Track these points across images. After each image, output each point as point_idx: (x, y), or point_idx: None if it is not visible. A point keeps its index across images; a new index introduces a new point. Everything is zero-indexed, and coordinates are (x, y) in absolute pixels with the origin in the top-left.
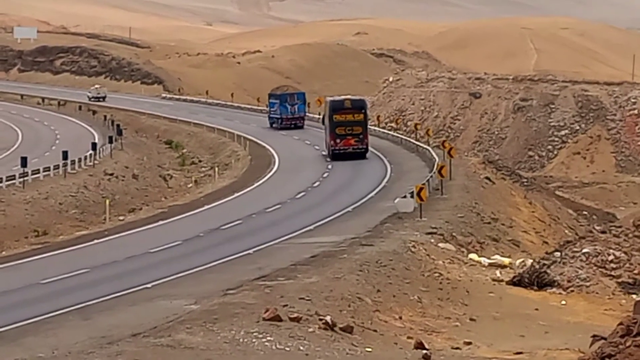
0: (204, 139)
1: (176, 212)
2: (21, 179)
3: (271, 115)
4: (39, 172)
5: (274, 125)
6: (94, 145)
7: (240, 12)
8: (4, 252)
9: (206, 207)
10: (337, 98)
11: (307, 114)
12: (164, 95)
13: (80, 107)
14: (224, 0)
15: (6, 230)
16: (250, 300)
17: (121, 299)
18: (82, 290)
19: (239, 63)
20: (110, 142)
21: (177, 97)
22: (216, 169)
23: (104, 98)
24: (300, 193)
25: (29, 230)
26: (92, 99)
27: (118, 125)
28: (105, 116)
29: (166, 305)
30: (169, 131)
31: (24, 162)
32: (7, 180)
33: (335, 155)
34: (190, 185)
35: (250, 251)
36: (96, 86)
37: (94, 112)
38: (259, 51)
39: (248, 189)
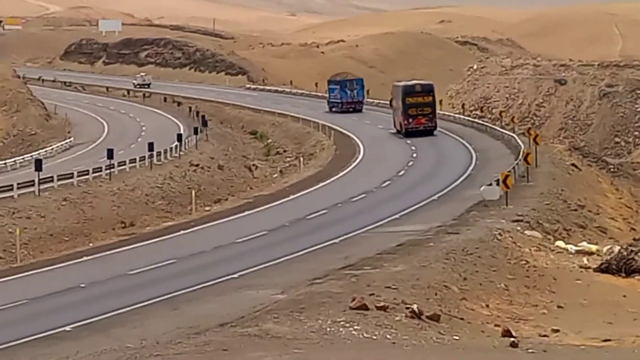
0: (289, 129)
1: (262, 202)
2: (107, 171)
3: (331, 100)
4: (125, 164)
5: (333, 109)
6: (179, 137)
7: (324, 2)
8: (91, 244)
9: (292, 196)
10: (408, 83)
11: (365, 98)
12: (248, 85)
13: (165, 99)
14: None
15: (94, 222)
16: (337, 290)
17: (208, 289)
18: (169, 281)
19: (322, 53)
20: (196, 133)
21: (261, 87)
22: (301, 158)
23: (148, 85)
24: (386, 182)
25: (116, 222)
26: (137, 86)
27: (203, 117)
28: (190, 107)
29: (253, 295)
30: (253, 122)
31: (110, 154)
32: (94, 173)
33: (408, 133)
34: (276, 175)
35: (336, 240)
36: (141, 74)
37: (179, 104)
38: (342, 41)
39: (333, 178)
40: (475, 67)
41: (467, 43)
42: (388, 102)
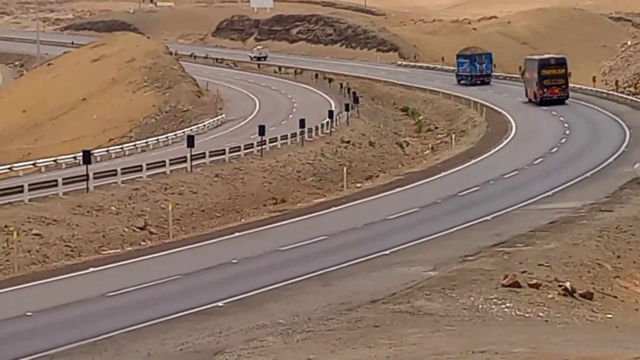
0: (440, 106)
1: (413, 178)
2: (259, 148)
3: (459, 73)
4: (276, 141)
5: (461, 82)
6: (330, 113)
7: None
8: (243, 220)
9: (443, 173)
10: (543, 56)
11: (492, 72)
12: (399, 62)
13: (316, 76)
14: None
15: (245, 198)
16: (489, 267)
17: (360, 266)
18: (321, 257)
19: (474, 29)
20: (347, 109)
21: (413, 64)
22: (453, 135)
23: (265, 58)
24: (538, 159)
25: (267, 198)
26: (254, 59)
27: (354, 93)
28: (341, 84)
29: (404, 272)
30: (404, 98)
31: (262, 130)
32: (245, 149)
33: (543, 102)
34: (427, 152)
35: (488, 217)
36: (258, 47)
37: (330, 81)
38: (494, 17)
39: (485, 155)
40: (629, 43)
41: (621, 19)
42: (520, 75)
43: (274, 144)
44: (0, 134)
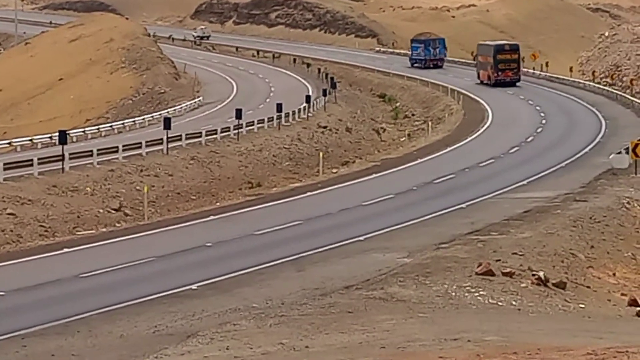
0: (418, 93)
1: (389, 165)
2: (236, 131)
3: (413, 57)
4: (253, 124)
5: (415, 65)
6: (307, 98)
7: None
8: (218, 203)
9: (419, 160)
10: (498, 42)
11: (446, 56)
12: (377, 48)
13: (294, 60)
14: None
15: (221, 182)
16: (463, 255)
17: (334, 251)
18: (295, 242)
19: (453, 17)
20: (324, 95)
21: (391, 50)
22: (429, 122)
23: (208, 37)
24: (514, 148)
25: (243, 182)
26: (197, 37)
27: (332, 79)
28: (319, 69)
29: (379, 258)
30: (382, 84)
31: (238, 114)
32: (222, 132)
33: (497, 83)
34: (403, 138)
35: (463, 205)
36: (201, 27)
37: (308, 65)
38: (473, 5)
39: (461, 143)
40: (606, 34)
41: (599, 10)
42: (473, 58)
43: (251, 127)
44: None
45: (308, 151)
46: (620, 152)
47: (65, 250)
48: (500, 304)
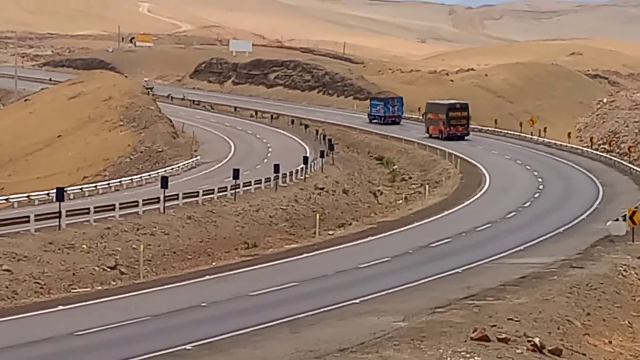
0: (415, 156)
1: (386, 228)
2: (233, 191)
3: (372, 113)
4: (250, 185)
5: (373, 121)
6: (305, 159)
7: (455, 30)
8: (214, 263)
9: (416, 224)
10: (449, 101)
11: (403, 114)
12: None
13: (292, 121)
14: (439, 18)
15: (217, 242)
16: (458, 319)
17: (329, 313)
18: (290, 303)
19: (452, 81)
20: (322, 156)
21: None
22: (427, 186)
23: (152, 89)
24: (511, 213)
25: (239, 242)
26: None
27: (330, 140)
28: (317, 131)
29: (374, 321)
30: (380, 147)
31: (236, 174)
32: (219, 192)
33: (449, 137)
34: (400, 201)
35: (459, 270)
36: (145, 79)
37: (306, 126)
38: (472, 69)
39: (458, 207)
40: (605, 100)
41: (598, 76)
42: (422, 115)
43: (248, 188)
44: None
45: (305, 212)
46: (617, 219)
47: (61, 307)
48: None
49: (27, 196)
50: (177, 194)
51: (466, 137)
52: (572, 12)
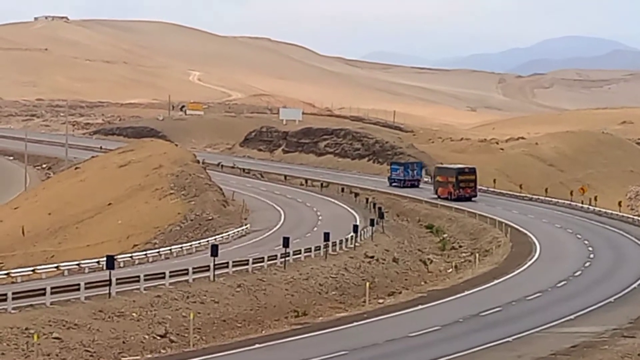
0: (465, 225)
1: (436, 296)
2: (282, 259)
3: (393, 177)
4: (300, 253)
5: (393, 184)
6: (355, 228)
7: (505, 99)
8: (264, 332)
9: (466, 292)
10: (458, 165)
11: (423, 178)
12: (426, 179)
13: (342, 189)
14: (489, 87)
15: (267, 310)
16: None
17: None
18: None
19: (502, 149)
20: (372, 224)
21: None
22: (477, 254)
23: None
24: (562, 282)
25: (289, 310)
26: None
27: (380, 208)
28: (367, 199)
29: None
30: (429, 215)
31: (286, 242)
32: (269, 260)
33: (459, 198)
34: (450, 270)
35: (510, 339)
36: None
37: (356, 195)
38: (522, 138)
39: (508, 275)
40: None
41: None
42: (431, 176)
43: (298, 256)
44: (25, 235)
45: (355, 281)
46: None
47: None
48: None
49: (78, 264)
50: (227, 262)
51: (473, 199)
52: (622, 80)
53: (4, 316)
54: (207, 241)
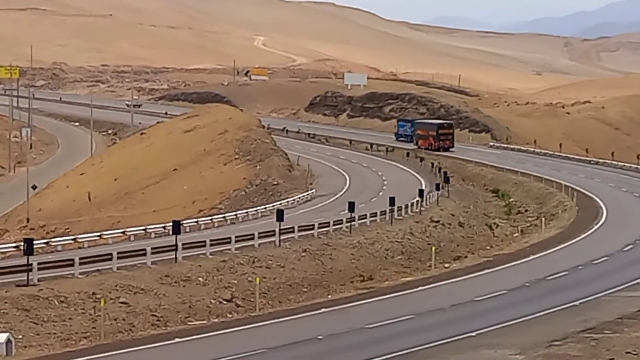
0: (531, 189)
1: (502, 261)
2: (348, 224)
3: (400, 132)
4: (365, 218)
5: (400, 139)
6: (420, 192)
7: (571, 62)
8: (330, 296)
9: (532, 257)
10: (437, 120)
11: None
12: (491, 143)
13: (407, 154)
14: (554, 51)
15: (333, 274)
16: (576, 353)
17: (445, 347)
18: (406, 337)
19: (568, 113)
20: (437, 189)
21: (505, 146)
22: (543, 219)
23: (139, 106)
24: (629, 245)
25: (354, 275)
26: (128, 105)
27: (445, 173)
28: (432, 163)
29: (490, 355)
30: (495, 180)
31: (351, 207)
32: (334, 225)
33: (438, 149)
34: (516, 234)
35: (576, 303)
36: (135, 97)
37: (422, 159)
38: (588, 102)
39: (574, 240)
40: None
41: None
42: (412, 133)
43: (363, 221)
44: (92, 201)
45: (420, 245)
46: None
47: (177, 340)
48: None
49: (144, 229)
50: (293, 227)
51: (451, 149)
52: None
53: (71, 281)
54: (273, 206)
